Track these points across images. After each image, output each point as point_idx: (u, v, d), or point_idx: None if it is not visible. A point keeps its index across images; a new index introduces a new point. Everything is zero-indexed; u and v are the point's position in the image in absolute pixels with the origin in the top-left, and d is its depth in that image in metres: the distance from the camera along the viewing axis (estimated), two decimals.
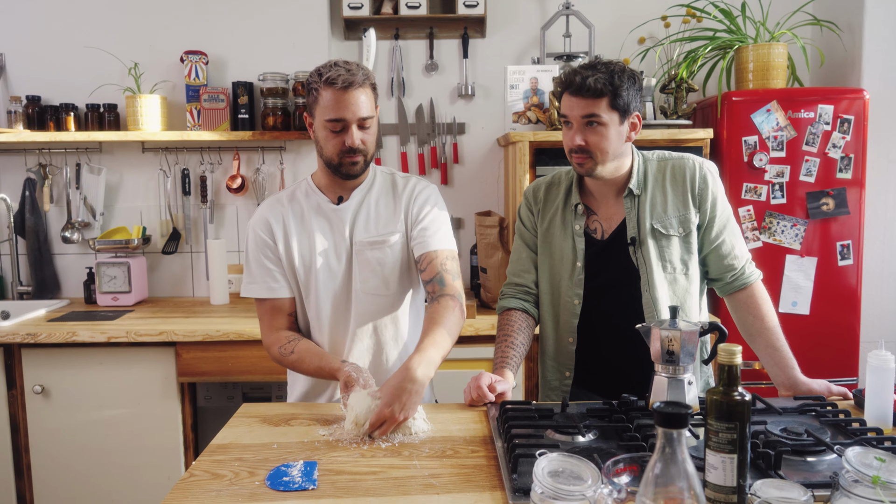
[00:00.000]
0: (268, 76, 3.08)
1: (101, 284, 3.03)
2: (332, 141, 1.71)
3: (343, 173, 1.76)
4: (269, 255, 1.82)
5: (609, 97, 1.64)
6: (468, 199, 3.31)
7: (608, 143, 1.67)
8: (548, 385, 1.89)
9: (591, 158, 1.69)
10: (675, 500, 0.88)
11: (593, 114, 1.65)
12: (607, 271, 1.78)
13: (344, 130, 1.69)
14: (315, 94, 1.71)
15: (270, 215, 1.84)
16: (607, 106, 1.65)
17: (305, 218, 1.83)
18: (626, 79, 1.65)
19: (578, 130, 1.68)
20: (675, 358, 1.45)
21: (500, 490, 1.24)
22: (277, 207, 1.85)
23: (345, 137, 1.69)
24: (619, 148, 1.70)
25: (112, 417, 2.62)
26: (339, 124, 1.69)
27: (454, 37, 3.27)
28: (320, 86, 1.68)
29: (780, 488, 1.04)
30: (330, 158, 1.74)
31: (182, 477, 1.31)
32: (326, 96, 1.67)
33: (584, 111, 1.66)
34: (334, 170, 1.76)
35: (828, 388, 1.71)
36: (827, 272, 2.78)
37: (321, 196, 1.83)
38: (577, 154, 1.70)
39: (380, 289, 1.82)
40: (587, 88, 1.64)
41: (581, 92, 1.65)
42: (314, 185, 1.86)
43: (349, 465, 1.36)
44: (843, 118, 2.74)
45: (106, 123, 3.12)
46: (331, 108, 1.67)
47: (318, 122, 1.72)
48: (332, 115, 1.68)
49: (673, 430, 0.87)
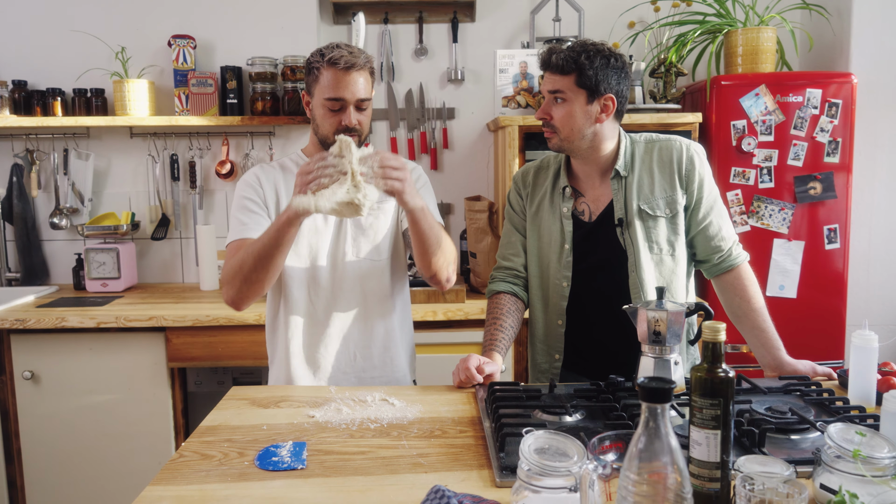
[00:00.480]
0: (256, 61, 3.06)
1: (90, 270, 3.01)
2: (329, 119, 1.75)
3: None
4: (256, 200, 1.82)
5: (575, 75, 1.67)
6: (458, 184, 3.31)
7: (572, 120, 1.70)
8: (537, 368, 1.90)
9: (555, 133, 1.73)
10: (659, 475, 0.89)
11: (558, 90, 1.70)
12: (595, 253, 1.79)
13: (342, 110, 1.74)
14: (316, 73, 1.75)
15: (262, 174, 1.86)
16: (573, 83, 1.68)
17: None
18: (598, 59, 1.67)
19: (546, 104, 1.74)
20: (662, 338, 1.46)
21: (487, 469, 1.25)
22: (269, 171, 1.88)
23: (342, 117, 1.74)
24: (585, 127, 1.71)
25: (102, 403, 2.62)
26: (337, 103, 1.73)
27: (444, 21, 3.25)
28: (322, 65, 1.73)
29: (764, 464, 1.06)
30: (325, 136, 1.77)
31: (171, 458, 1.31)
32: (327, 75, 1.72)
33: (550, 86, 1.72)
34: (328, 147, 1.78)
35: (812, 369, 1.72)
36: (814, 256, 2.80)
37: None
38: (544, 128, 1.76)
39: (373, 254, 1.85)
40: (553, 65, 1.70)
41: (548, 67, 1.71)
42: (305, 157, 1.89)
43: (338, 445, 1.36)
44: (830, 102, 2.75)
45: (93, 108, 3.09)
46: (331, 87, 1.72)
47: (317, 100, 1.76)
48: (332, 94, 1.72)
49: (657, 405, 0.88)
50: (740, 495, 0.96)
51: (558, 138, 1.74)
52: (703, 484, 1.03)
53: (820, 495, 1.08)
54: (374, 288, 1.86)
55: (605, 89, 1.68)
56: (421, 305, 2.65)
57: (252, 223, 1.78)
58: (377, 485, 1.20)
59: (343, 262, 1.84)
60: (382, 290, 1.87)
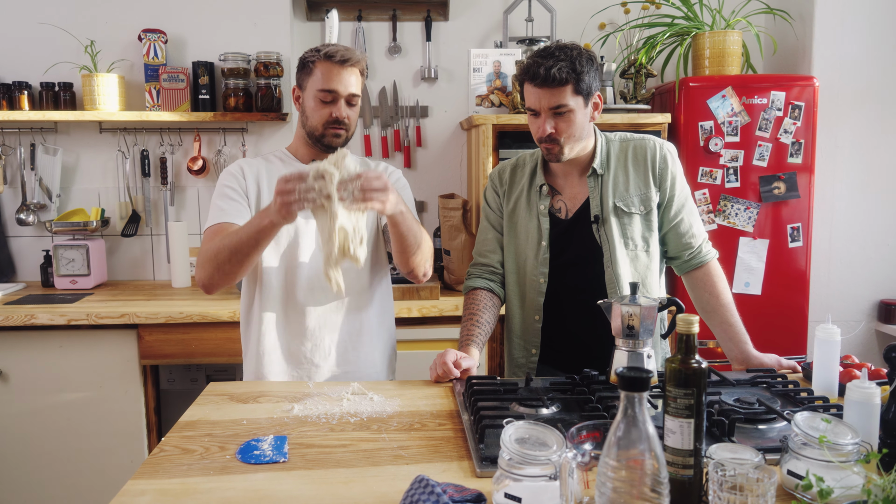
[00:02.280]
0: (229, 56, 3.05)
1: (59, 267, 2.97)
2: (320, 111, 1.79)
3: (325, 144, 1.82)
4: (237, 189, 1.83)
5: (573, 83, 1.68)
6: (431, 182, 3.33)
7: (576, 127, 1.72)
8: (514, 363, 1.93)
9: (558, 145, 1.73)
10: (637, 462, 0.92)
11: (561, 104, 1.68)
12: (571, 249, 1.83)
13: (333, 102, 1.78)
14: (310, 67, 1.80)
15: (246, 166, 1.88)
16: (572, 92, 1.68)
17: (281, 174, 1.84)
18: (586, 62, 1.69)
19: (547, 120, 1.71)
20: (636, 332, 1.50)
21: (467, 460, 1.28)
22: (253, 163, 1.90)
23: (333, 109, 1.78)
24: (584, 129, 1.75)
25: (73, 401, 2.58)
26: (330, 95, 1.77)
27: (417, 19, 3.27)
28: (318, 58, 1.78)
29: (734, 451, 1.10)
30: (314, 128, 1.81)
31: (152, 452, 1.31)
32: (322, 68, 1.77)
33: (551, 102, 1.69)
34: (316, 140, 1.82)
35: (778, 362, 1.78)
36: (778, 254, 2.88)
37: (297, 162, 1.90)
38: (548, 144, 1.74)
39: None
40: (552, 79, 1.66)
41: (546, 83, 1.67)
42: (290, 154, 1.92)
43: (319, 438, 1.38)
44: (794, 104, 2.83)
45: (61, 103, 3.04)
46: (325, 79, 1.77)
47: (310, 92, 1.80)
48: (326, 85, 1.77)
49: (635, 394, 0.91)
50: (713, 480, 1.00)
51: (561, 150, 1.73)
52: (678, 471, 1.07)
53: (787, 481, 1.13)
54: (353, 283, 1.87)
55: (595, 89, 1.73)
56: (396, 302, 2.65)
57: (231, 209, 1.80)
58: (360, 476, 1.21)
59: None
60: (361, 285, 1.88)
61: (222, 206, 1.81)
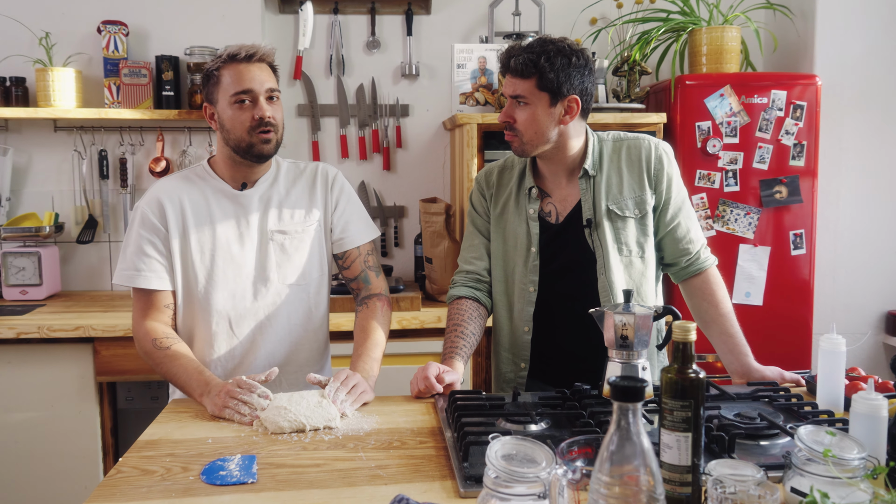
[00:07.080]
0: (195, 50, 3.04)
1: (8, 276, 2.93)
2: (240, 117, 1.74)
3: (255, 154, 1.77)
4: (155, 242, 1.79)
5: (536, 78, 1.71)
6: (412, 186, 3.33)
7: (535, 123, 1.74)
8: (502, 377, 1.93)
9: (517, 137, 1.77)
10: (632, 478, 0.92)
11: (519, 95, 1.73)
12: (562, 255, 1.83)
13: (253, 102, 1.73)
14: (216, 77, 1.76)
15: (165, 197, 1.81)
16: (534, 86, 1.71)
17: (207, 201, 1.82)
18: (559, 59, 1.70)
19: (508, 107, 1.77)
20: (629, 343, 1.51)
21: (450, 479, 1.28)
22: (172, 190, 1.82)
23: (254, 111, 1.73)
24: (548, 130, 1.75)
25: (23, 421, 2.55)
26: (247, 96, 1.73)
27: (397, 13, 3.28)
28: (221, 64, 1.75)
29: (734, 467, 1.11)
30: (240, 139, 1.75)
31: (108, 474, 1.30)
32: (230, 72, 1.74)
33: (511, 90, 1.75)
34: (244, 152, 1.77)
35: (780, 375, 1.80)
36: (780, 262, 2.91)
37: (220, 181, 1.85)
38: (507, 132, 1.79)
39: (300, 279, 1.87)
40: (514, 69, 1.72)
41: (509, 71, 1.74)
42: (211, 171, 1.86)
43: (290, 458, 1.37)
44: (795, 104, 2.87)
45: (13, 99, 3.01)
46: (236, 81, 1.73)
47: (223, 103, 1.75)
48: (239, 87, 1.72)
49: (629, 405, 0.91)
50: (713, 498, 1.00)
51: (521, 142, 1.77)
52: (675, 489, 1.07)
53: (790, 499, 1.13)
54: (300, 311, 1.88)
55: (569, 90, 1.72)
56: None
57: (146, 269, 1.77)
58: (334, 498, 1.21)
59: (267, 291, 1.84)
60: (307, 312, 1.90)
61: (138, 264, 1.77)
